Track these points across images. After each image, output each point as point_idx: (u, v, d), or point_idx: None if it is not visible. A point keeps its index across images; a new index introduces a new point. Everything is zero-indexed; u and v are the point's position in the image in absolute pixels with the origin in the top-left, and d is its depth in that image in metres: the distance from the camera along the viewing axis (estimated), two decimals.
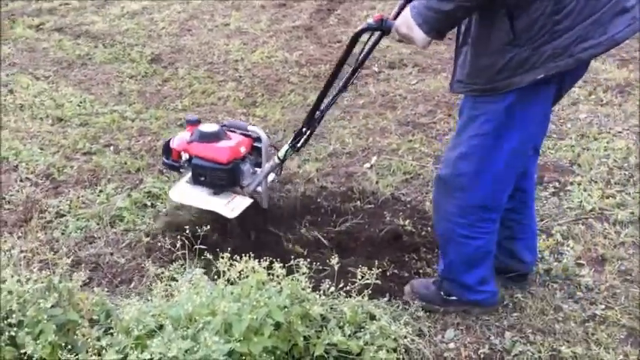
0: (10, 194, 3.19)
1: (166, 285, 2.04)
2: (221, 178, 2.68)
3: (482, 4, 1.84)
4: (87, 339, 1.83)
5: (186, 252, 2.26)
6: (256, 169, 2.82)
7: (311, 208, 3.07)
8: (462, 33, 2.01)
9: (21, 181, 3.31)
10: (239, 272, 1.96)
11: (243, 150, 2.73)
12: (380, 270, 2.06)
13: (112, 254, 2.75)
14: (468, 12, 1.88)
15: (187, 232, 2.23)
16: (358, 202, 3.09)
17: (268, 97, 4.36)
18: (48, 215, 3.01)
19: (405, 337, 2.08)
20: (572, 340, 2.25)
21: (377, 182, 3.26)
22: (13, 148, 3.61)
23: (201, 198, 2.72)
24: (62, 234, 2.89)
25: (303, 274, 2.00)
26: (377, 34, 2.22)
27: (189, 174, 2.78)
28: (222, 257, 1.99)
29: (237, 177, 2.72)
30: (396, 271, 2.58)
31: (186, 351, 1.77)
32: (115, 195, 3.17)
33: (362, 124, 3.91)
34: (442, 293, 2.36)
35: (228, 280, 1.95)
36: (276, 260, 2.01)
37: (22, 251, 2.63)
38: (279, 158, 2.69)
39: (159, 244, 2.20)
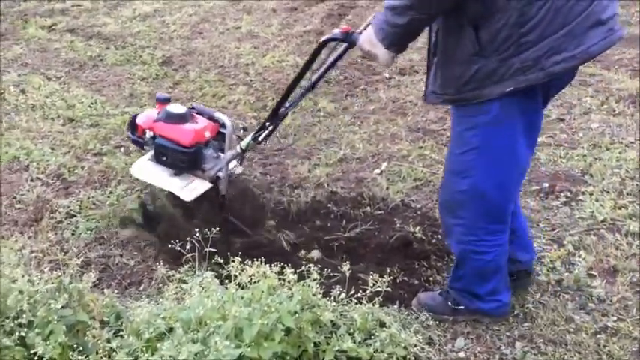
0: (21, 194, 3.20)
1: (176, 287, 2.03)
2: (182, 160, 2.69)
3: (435, 15, 1.86)
4: (97, 340, 1.83)
5: (196, 254, 2.25)
6: (220, 154, 2.82)
7: (321, 213, 3.07)
8: (432, 44, 2.02)
9: (32, 180, 3.32)
10: (250, 276, 1.95)
11: (207, 135, 2.73)
12: (391, 277, 2.05)
13: (121, 256, 2.76)
14: (423, 24, 1.89)
15: (197, 234, 2.22)
16: (368, 208, 3.09)
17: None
18: (58, 215, 3.02)
19: (415, 346, 2.07)
20: (583, 351, 2.23)
21: (387, 188, 3.25)
22: (24, 147, 3.62)
23: (161, 177, 2.72)
24: (72, 234, 2.90)
25: (314, 279, 2.00)
26: (344, 45, 2.27)
27: (152, 151, 2.77)
28: (234, 261, 1.99)
29: (199, 161, 2.73)
30: (405, 278, 2.57)
31: (196, 354, 1.76)
32: (125, 197, 3.17)
33: (372, 129, 3.90)
34: (450, 303, 2.34)
35: (239, 285, 1.94)
36: (287, 265, 2.00)
37: (32, 251, 2.64)
38: (241, 148, 2.73)
39: (169, 245, 2.20)
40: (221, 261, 2.06)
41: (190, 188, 2.67)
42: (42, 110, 4.18)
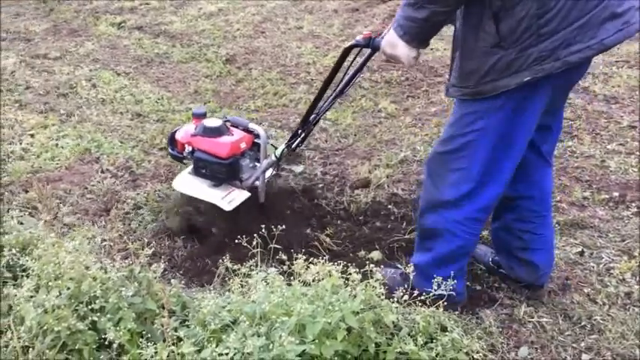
0: (92, 184, 3.32)
1: (241, 281, 2.07)
2: (220, 171, 2.78)
3: (454, 8, 1.88)
4: (166, 329, 1.88)
5: (259, 250, 2.28)
6: (256, 164, 2.90)
7: (381, 214, 3.06)
8: (454, 39, 2.04)
9: (102, 172, 3.45)
10: (314, 275, 1.97)
11: (243, 146, 2.82)
12: (454, 281, 2.02)
13: (185, 247, 2.83)
14: (442, 17, 1.90)
15: (263, 230, 2.25)
16: None
17: (339, 101, 4.37)
18: (126, 207, 3.12)
19: (477, 352, 2.03)
20: None
21: None
22: (95, 140, 3.77)
23: (201, 189, 2.82)
24: (139, 225, 2.99)
25: (377, 280, 1.99)
26: (368, 50, 2.30)
27: (192, 165, 2.88)
28: (297, 258, 2.00)
29: (237, 171, 2.82)
30: (468, 283, 2.52)
31: (260, 347, 1.79)
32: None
33: (434, 132, 3.86)
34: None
35: (303, 282, 1.96)
36: (351, 265, 2.01)
37: (103, 240, 2.73)
38: (275, 156, 2.80)
39: (235, 241, 2.25)
40: (285, 258, 2.08)
41: (229, 198, 2.77)
42: (111, 104, 4.33)
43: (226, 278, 2.21)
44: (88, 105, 4.32)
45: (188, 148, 2.87)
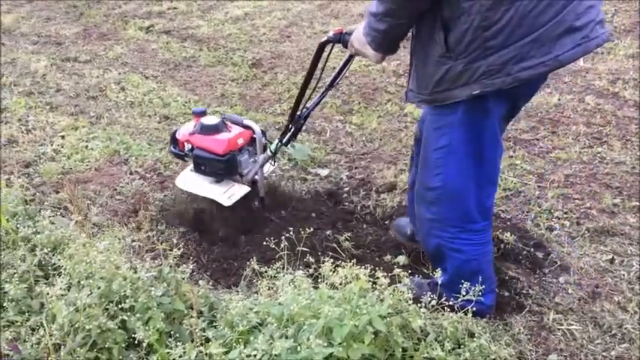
0: (121, 186, 3.37)
1: (269, 283, 2.08)
2: (219, 167, 2.83)
3: (413, 20, 1.89)
4: (194, 329, 1.90)
5: (285, 252, 2.29)
6: (256, 159, 2.95)
7: None
8: (412, 44, 2.05)
9: (130, 174, 3.50)
10: (341, 278, 1.97)
11: (240, 142, 2.85)
12: (482, 286, 2.00)
13: (212, 249, 2.85)
14: (402, 28, 1.93)
15: (291, 232, 2.26)
16: None
17: (365, 105, 4.38)
18: (154, 208, 3.16)
19: (506, 359, 2.02)
20: None
21: None
22: (124, 142, 3.83)
23: (202, 186, 2.87)
24: (166, 227, 3.02)
25: (405, 285, 1.98)
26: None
27: (192, 162, 2.92)
28: (325, 262, 2.01)
29: (235, 167, 2.86)
30: (496, 289, 2.50)
31: (287, 349, 1.79)
32: None
33: None
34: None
35: (331, 285, 1.96)
36: (379, 269, 2.00)
37: (133, 240, 2.77)
38: (271, 151, 2.86)
39: (264, 243, 2.26)
40: (312, 260, 2.09)
41: (229, 194, 2.81)
42: (140, 107, 4.39)
43: (253, 280, 2.22)
44: (117, 108, 4.39)
45: (188, 146, 2.91)
